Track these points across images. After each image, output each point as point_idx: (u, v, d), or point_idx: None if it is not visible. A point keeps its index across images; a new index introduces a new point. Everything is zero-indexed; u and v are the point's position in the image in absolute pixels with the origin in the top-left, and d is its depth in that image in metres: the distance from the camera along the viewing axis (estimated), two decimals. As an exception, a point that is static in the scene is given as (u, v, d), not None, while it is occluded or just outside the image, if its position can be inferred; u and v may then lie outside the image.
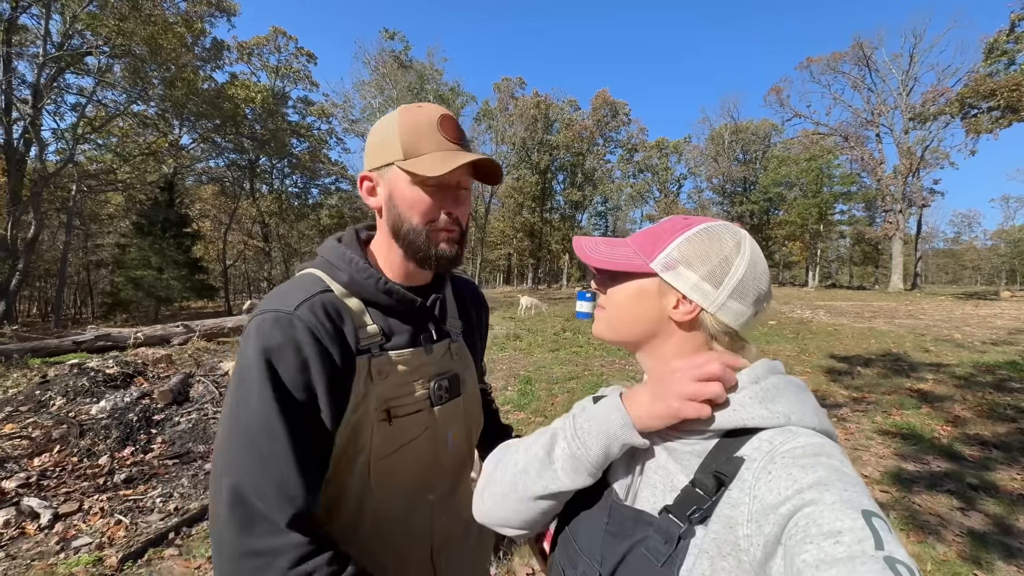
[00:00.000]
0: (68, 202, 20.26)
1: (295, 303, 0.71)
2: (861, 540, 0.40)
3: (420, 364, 0.83)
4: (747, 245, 0.60)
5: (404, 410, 0.80)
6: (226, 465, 0.65)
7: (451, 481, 0.91)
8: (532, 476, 0.64)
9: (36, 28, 17.30)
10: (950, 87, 27.74)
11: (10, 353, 7.00)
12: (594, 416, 0.61)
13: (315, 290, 0.75)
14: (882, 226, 31.43)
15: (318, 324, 0.71)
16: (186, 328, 9.18)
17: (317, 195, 36.29)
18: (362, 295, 0.79)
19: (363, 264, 0.79)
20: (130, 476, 3.37)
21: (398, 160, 0.75)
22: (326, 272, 0.79)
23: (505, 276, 53.35)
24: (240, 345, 0.71)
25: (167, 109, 22.87)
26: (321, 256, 0.83)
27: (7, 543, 2.65)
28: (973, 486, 3.25)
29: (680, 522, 0.53)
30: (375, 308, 0.80)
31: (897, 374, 6.36)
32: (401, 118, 0.77)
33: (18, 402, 4.53)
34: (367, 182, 0.81)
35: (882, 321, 12.02)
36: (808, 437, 0.52)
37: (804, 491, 0.46)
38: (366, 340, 0.76)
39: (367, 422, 0.75)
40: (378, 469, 0.77)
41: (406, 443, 0.80)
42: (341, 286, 0.78)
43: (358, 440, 0.75)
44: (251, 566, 0.62)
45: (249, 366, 0.67)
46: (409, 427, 0.81)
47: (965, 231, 78.56)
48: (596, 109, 41.21)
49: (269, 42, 31.78)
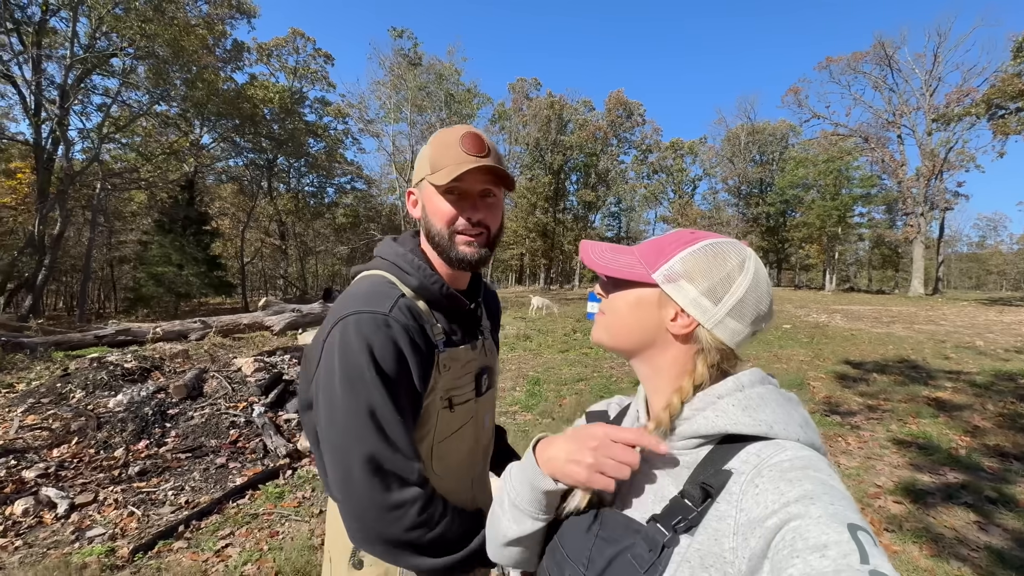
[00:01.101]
0: (93, 200, 20.81)
1: (387, 306, 0.82)
2: (847, 554, 0.40)
3: (470, 359, 0.95)
4: (751, 265, 0.59)
5: (461, 399, 0.93)
6: (357, 439, 0.78)
7: (484, 460, 1.07)
8: (497, 525, 0.71)
9: (64, 31, 17.83)
10: (976, 87, 26.96)
11: (35, 346, 7.22)
12: (521, 465, 0.69)
13: (396, 294, 0.85)
14: (903, 229, 30.72)
15: (409, 325, 0.82)
16: (203, 324, 9.37)
17: (333, 194, 36.77)
18: (428, 298, 0.89)
19: (430, 271, 0.90)
20: (144, 469, 3.46)
21: (427, 175, 0.87)
22: (396, 276, 0.89)
23: (517, 276, 53.33)
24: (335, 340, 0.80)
25: (188, 109, 23.35)
26: (384, 259, 0.92)
27: (25, 531, 2.74)
28: (992, 499, 3.16)
29: (665, 531, 0.54)
30: (437, 309, 0.91)
31: (914, 382, 6.21)
32: (435, 138, 0.89)
33: (40, 394, 4.68)
34: (411, 196, 0.95)
35: (901, 326, 11.73)
36: (796, 450, 0.52)
37: (790, 505, 0.46)
38: (436, 338, 0.87)
39: (434, 408, 0.88)
40: (439, 450, 0.91)
41: (459, 428, 0.93)
42: (411, 290, 0.88)
43: (426, 423, 0.88)
44: (395, 515, 0.78)
45: (357, 360, 0.78)
46: (462, 414, 0.94)
47: (990, 235, 76.16)
48: (610, 110, 40.97)
49: (288, 43, 32.24)
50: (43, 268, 16.77)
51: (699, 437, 0.57)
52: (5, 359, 6.56)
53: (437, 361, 0.87)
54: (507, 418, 4.98)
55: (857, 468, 3.71)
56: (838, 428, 4.61)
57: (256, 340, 9.45)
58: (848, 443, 4.24)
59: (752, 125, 43.40)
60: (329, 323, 0.83)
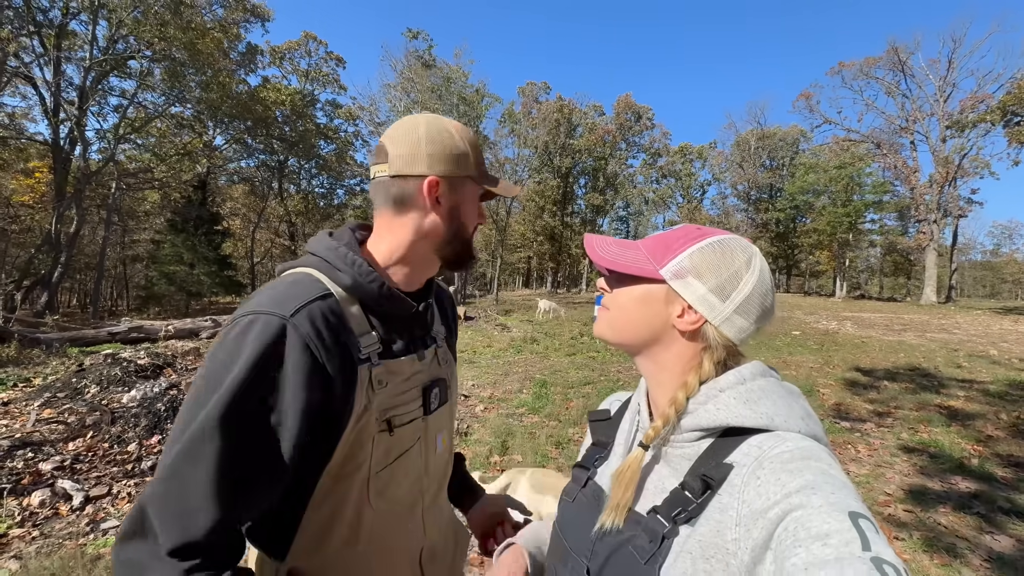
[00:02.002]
0: (108, 199, 21.20)
1: (292, 308, 0.65)
2: (848, 542, 0.40)
3: (415, 372, 0.81)
4: (757, 262, 0.60)
5: (403, 419, 0.78)
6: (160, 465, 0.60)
7: (437, 487, 0.91)
8: None
9: (84, 33, 18.21)
10: (991, 93, 26.63)
11: (51, 342, 7.37)
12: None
13: (315, 294, 0.69)
14: (915, 236, 30.33)
15: (315, 334, 0.65)
16: (214, 322, 9.49)
17: (343, 196, 37.09)
18: (363, 300, 0.75)
19: (367, 267, 0.75)
20: (156, 463, 3.51)
21: (470, 173, 0.80)
22: (324, 273, 0.74)
23: (524, 279, 53.34)
24: (217, 340, 0.65)
25: (202, 111, 23.74)
26: (315, 254, 0.76)
27: (42, 522, 2.80)
28: (1004, 509, 3.11)
29: (665, 522, 0.55)
30: (373, 314, 0.77)
31: (926, 390, 6.13)
32: (469, 136, 0.81)
33: (56, 389, 4.77)
34: (436, 187, 0.77)
35: (913, 334, 11.58)
36: (796, 441, 0.52)
37: (792, 495, 0.46)
38: (366, 349, 0.73)
39: (368, 433, 0.73)
40: (377, 481, 0.76)
41: (402, 453, 0.79)
42: (343, 289, 0.73)
43: (359, 453, 0.73)
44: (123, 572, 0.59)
45: (220, 367, 0.61)
46: (406, 436, 0.79)
47: (1005, 243, 74.85)
48: (619, 113, 41.00)
49: (300, 47, 32.69)
50: (59, 265, 17.07)
51: (700, 430, 0.58)
52: (23, 354, 6.70)
53: (371, 377, 0.72)
54: (514, 420, 5.00)
55: (867, 476, 3.68)
56: (848, 435, 4.56)
57: (266, 339, 9.56)
58: (858, 450, 4.20)
59: (762, 130, 43.20)
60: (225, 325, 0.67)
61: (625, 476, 0.59)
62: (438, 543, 0.92)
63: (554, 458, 3.94)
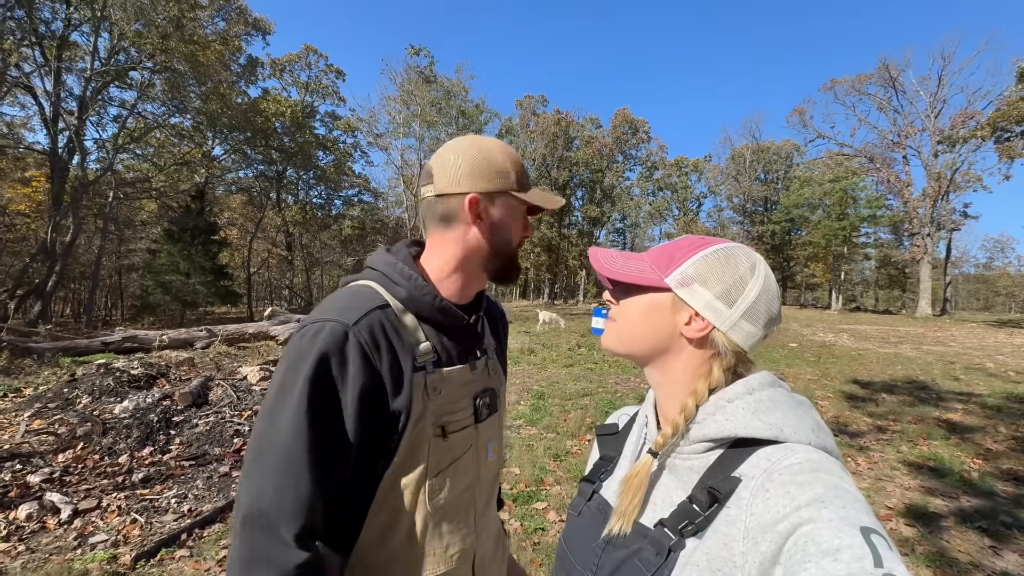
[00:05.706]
0: (105, 208, 21.17)
1: (355, 317, 0.72)
2: (860, 558, 0.39)
3: (467, 381, 0.86)
4: (761, 268, 0.60)
5: (456, 425, 0.82)
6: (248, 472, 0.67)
7: (488, 495, 0.94)
8: None
9: (85, 44, 18.35)
10: (980, 110, 27.11)
11: (43, 352, 7.28)
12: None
13: (374, 304, 0.76)
14: (909, 249, 30.59)
15: (373, 342, 0.72)
16: (209, 332, 9.41)
17: (340, 206, 37.16)
18: (418, 312, 0.80)
19: (421, 281, 0.81)
20: (147, 476, 3.45)
21: (511, 188, 0.83)
22: (383, 286, 0.80)
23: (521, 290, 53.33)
24: (289, 347, 0.72)
25: (202, 122, 23.85)
26: (375, 268, 0.83)
27: (28, 536, 2.73)
28: (1007, 524, 3.09)
29: (672, 534, 0.54)
30: (428, 325, 0.81)
31: (924, 402, 6.13)
32: (510, 151, 0.84)
33: (47, 399, 4.70)
34: (477, 204, 0.80)
35: (909, 347, 11.62)
36: (806, 453, 0.51)
37: (801, 509, 0.45)
38: (421, 358, 0.78)
39: (424, 438, 0.78)
40: (433, 486, 0.79)
41: (456, 459, 0.83)
42: (399, 301, 0.79)
43: (417, 454, 0.77)
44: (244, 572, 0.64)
45: (296, 374, 0.68)
46: (459, 443, 0.83)
47: (998, 256, 75.61)
48: (616, 126, 41.47)
49: (300, 59, 32.97)
50: (53, 275, 16.97)
51: (709, 441, 0.57)
52: (14, 364, 6.61)
53: (426, 384, 0.77)
54: (511, 432, 4.95)
55: (867, 489, 3.64)
56: (847, 448, 4.54)
57: (261, 349, 9.49)
58: (858, 464, 4.17)
59: (757, 144, 43.75)
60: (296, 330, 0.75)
61: (634, 482, 0.59)
62: (488, 551, 0.93)
63: (552, 471, 3.90)
